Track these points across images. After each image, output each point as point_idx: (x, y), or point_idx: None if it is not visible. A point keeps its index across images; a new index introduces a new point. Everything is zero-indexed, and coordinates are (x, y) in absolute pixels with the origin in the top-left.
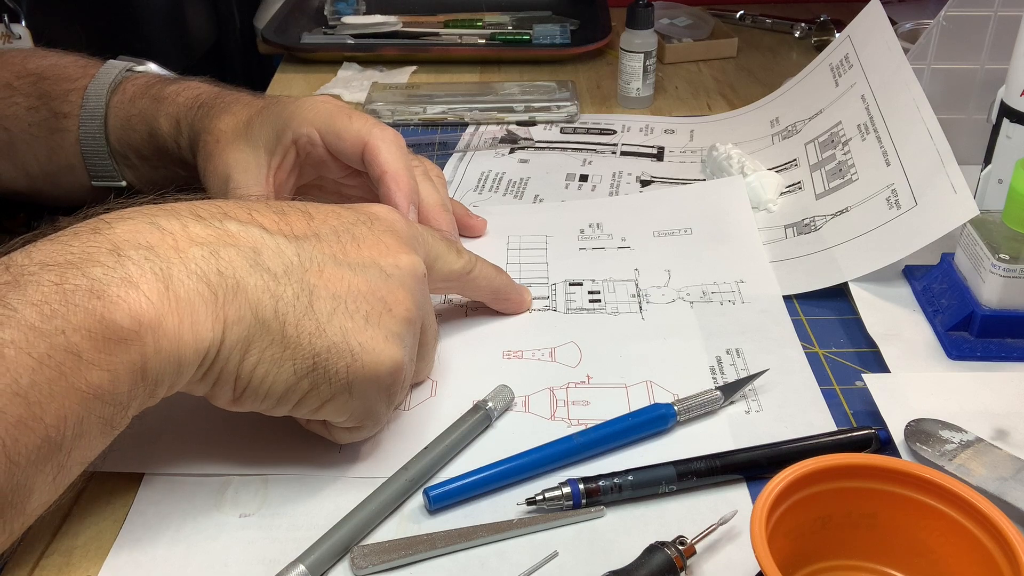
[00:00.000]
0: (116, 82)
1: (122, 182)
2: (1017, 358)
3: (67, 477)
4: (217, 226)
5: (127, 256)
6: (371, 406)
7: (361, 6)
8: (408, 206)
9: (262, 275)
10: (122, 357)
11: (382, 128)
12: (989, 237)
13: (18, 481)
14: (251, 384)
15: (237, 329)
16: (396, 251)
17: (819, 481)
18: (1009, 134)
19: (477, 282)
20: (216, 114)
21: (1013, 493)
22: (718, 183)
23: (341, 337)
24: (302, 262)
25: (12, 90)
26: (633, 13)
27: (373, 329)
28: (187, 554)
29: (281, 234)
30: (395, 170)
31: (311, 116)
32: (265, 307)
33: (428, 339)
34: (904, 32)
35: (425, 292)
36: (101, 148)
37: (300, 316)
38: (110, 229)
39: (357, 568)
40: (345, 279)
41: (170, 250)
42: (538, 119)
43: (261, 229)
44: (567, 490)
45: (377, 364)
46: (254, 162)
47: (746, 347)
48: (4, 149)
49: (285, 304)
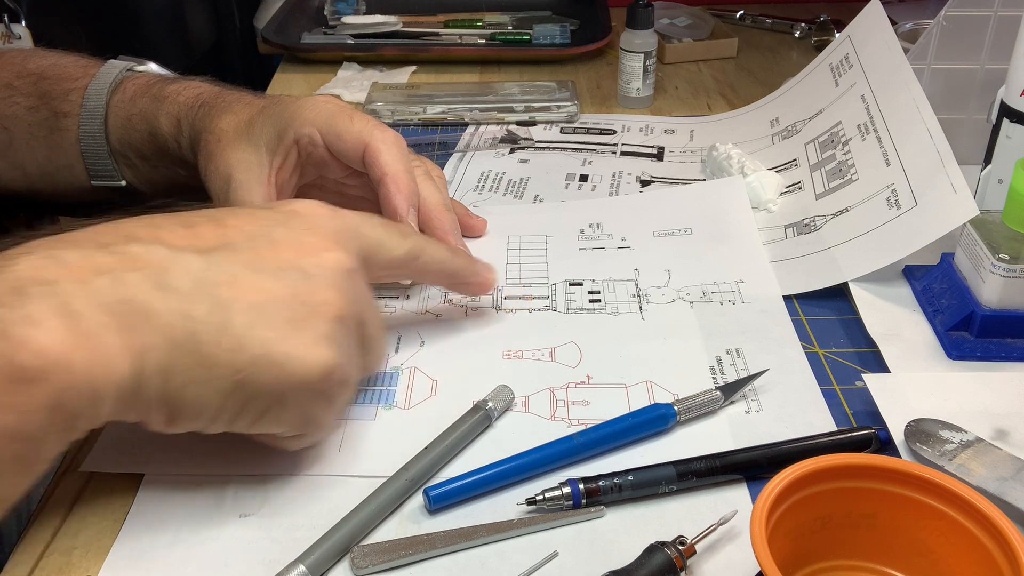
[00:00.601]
0: (116, 81)
1: (121, 181)
2: (1017, 358)
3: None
4: (120, 252)
5: (29, 294)
6: (309, 413)
7: (361, 6)
8: (408, 208)
9: (171, 297)
10: (30, 397)
11: (383, 130)
12: (989, 237)
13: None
14: (180, 408)
15: (153, 356)
16: (318, 249)
17: (819, 481)
18: (1009, 134)
19: (427, 267)
20: (217, 113)
21: (1013, 493)
22: (718, 183)
23: (264, 349)
24: (213, 276)
25: (12, 90)
26: (633, 13)
27: (299, 335)
28: (187, 554)
29: (189, 249)
30: (395, 172)
31: (312, 116)
32: (178, 329)
33: (371, 331)
34: (904, 32)
35: (358, 285)
36: (101, 147)
37: (217, 334)
38: (12, 266)
39: (357, 568)
40: (263, 287)
41: (73, 283)
42: (538, 119)
43: (167, 247)
44: (567, 490)
45: (307, 371)
46: (255, 161)
47: (746, 347)
48: (3, 149)
49: (199, 323)
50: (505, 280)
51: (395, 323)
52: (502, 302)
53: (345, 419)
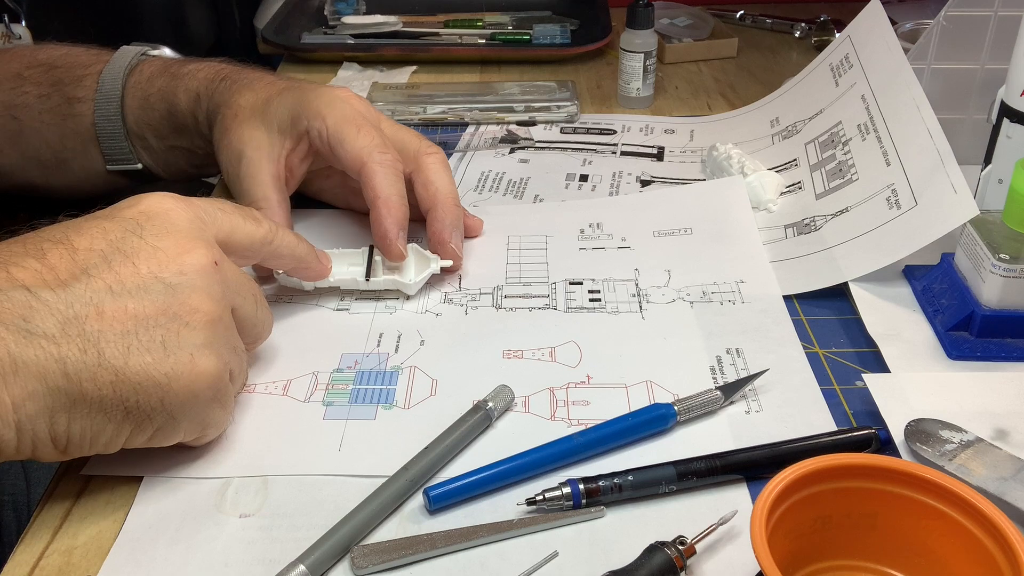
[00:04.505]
0: (132, 64)
1: (138, 165)
2: (1017, 358)
3: None
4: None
5: None
6: (203, 419)
7: (361, 6)
8: (397, 232)
9: (38, 343)
10: None
11: (382, 152)
12: (989, 237)
13: None
14: (71, 442)
15: (30, 405)
16: (175, 254)
17: (819, 481)
18: (1009, 134)
19: (280, 251)
20: (238, 89)
21: (1013, 493)
22: (718, 183)
23: (144, 375)
24: (77, 312)
25: (22, 80)
26: (633, 13)
27: (176, 353)
28: (187, 554)
29: (46, 286)
30: (387, 196)
31: (326, 112)
32: (53, 374)
33: (247, 313)
34: (904, 32)
35: (222, 279)
36: (117, 130)
37: (93, 370)
38: None
39: (357, 568)
40: (129, 311)
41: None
42: (538, 119)
43: (23, 289)
44: (567, 490)
45: (191, 386)
46: (267, 141)
47: (746, 347)
48: (14, 138)
49: (73, 364)
50: (505, 279)
51: (395, 323)
52: (502, 301)
53: (345, 419)
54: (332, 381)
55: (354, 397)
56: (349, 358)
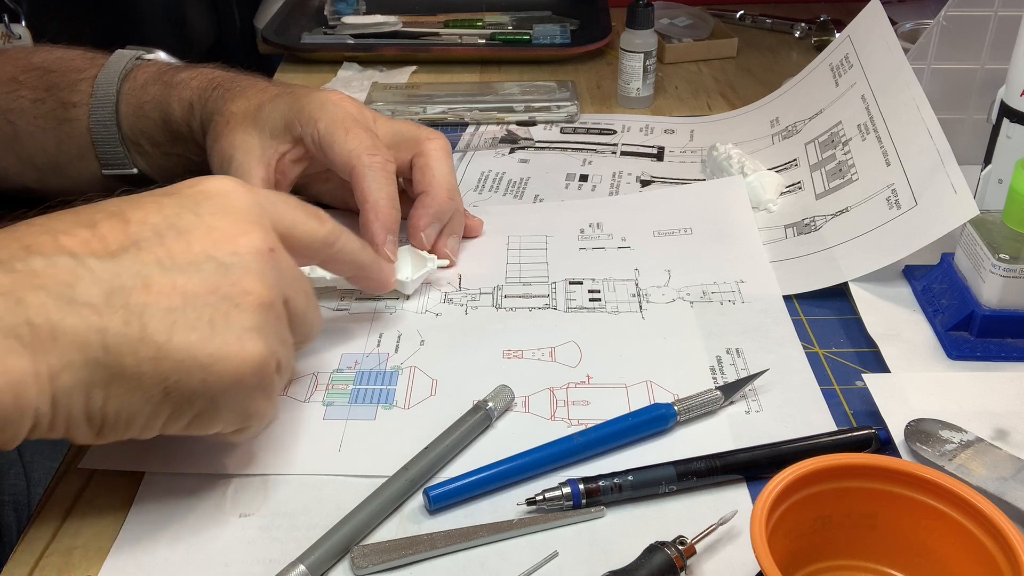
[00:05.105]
0: (127, 70)
1: (133, 169)
2: (1017, 358)
3: None
4: (20, 268)
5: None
6: (246, 408)
7: (361, 6)
8: (385, 236)
9: (81, 311)
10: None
11: (372, 154)
12: (989, 237)
13: None
14: (107, 422)
15: (67, 376)
16: (232, 234)
17: (819, 481)
18: (1009, 134)
19: (342, 255)
20: (231, 97)
21: (1013, 493)
22: (718, 183)
23: (187, 354)
24: (124, 283)
25: (17, 84)
26: (633, 13)
27: (223, 333)
28: (187, 554)
29: (94, 255)
30: (375, 200)
31: (318, 115)
32: (93, 346)
33: (298, 308)
34: (904, 32)
35: (276, 266)
36: (112, 135)
37: (134, 344)
38: None
39: (357, 568)
40: (178, 287)
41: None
42: (538, 119)
43: (70, 256)
44: (567, 490)
45: (236, 369)
46: (258, 145)
47: (746, 347)
48: (9, 142)
49: (114, 336)
50: (505, 279)
51: (395, 323)
52: (502, 301)
53: (345, 419)
54: (332, 381)
55: (354, 397)
56: (349, 358)
